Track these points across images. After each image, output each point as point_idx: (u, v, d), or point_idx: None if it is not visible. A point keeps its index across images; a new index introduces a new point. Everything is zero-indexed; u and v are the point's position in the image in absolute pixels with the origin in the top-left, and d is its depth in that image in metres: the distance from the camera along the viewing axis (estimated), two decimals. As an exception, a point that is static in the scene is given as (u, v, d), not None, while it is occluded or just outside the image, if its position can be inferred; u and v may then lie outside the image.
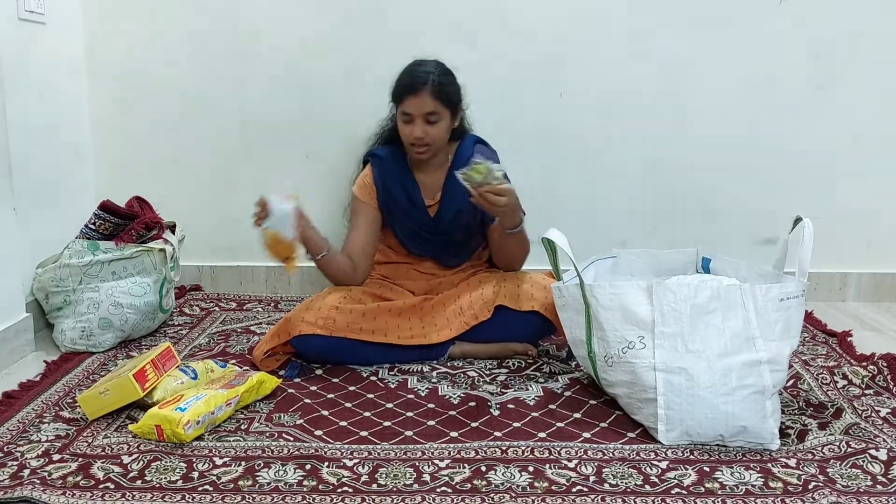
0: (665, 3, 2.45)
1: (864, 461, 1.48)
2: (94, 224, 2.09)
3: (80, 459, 1.46)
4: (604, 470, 1.45)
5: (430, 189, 2.11)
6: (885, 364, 1.89)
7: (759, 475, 1.43)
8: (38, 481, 1.37)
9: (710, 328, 1.55)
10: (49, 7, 2.24)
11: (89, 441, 1.54)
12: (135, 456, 1.47)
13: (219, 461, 1.46)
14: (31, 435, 1.56)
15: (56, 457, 1.47)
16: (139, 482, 1.39)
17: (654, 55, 2.49)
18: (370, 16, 2.45)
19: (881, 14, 2.47)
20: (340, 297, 1.99)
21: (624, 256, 2.03)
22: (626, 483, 1.40)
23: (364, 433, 1.59)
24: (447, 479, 1.41)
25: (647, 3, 2.45)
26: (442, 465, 1.46)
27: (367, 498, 1.35)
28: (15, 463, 1.44)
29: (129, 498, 1.34)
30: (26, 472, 1.41)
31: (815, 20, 2.46)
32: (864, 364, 1.93)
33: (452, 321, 2.00)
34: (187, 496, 1.34)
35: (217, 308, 2.47)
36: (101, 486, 1.37)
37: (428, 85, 1.96)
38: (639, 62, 2.49)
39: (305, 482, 1.39)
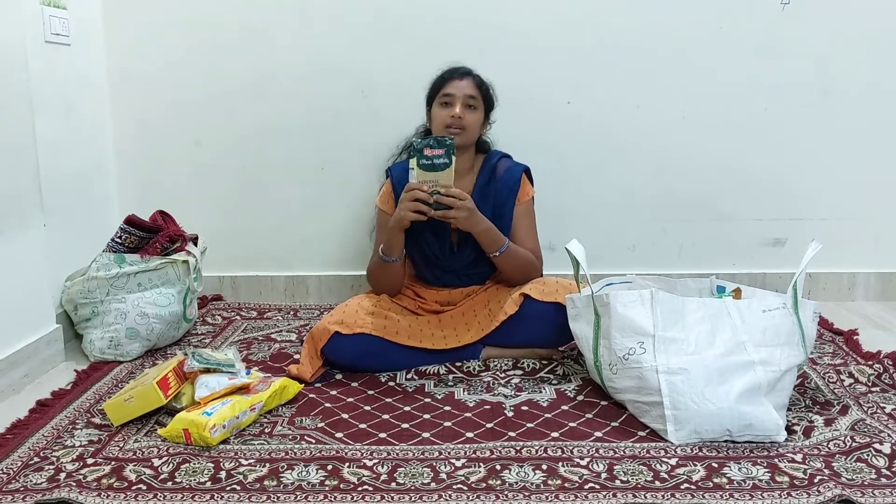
0: (669, 8, 2.50)
1: (868, 455, 1.53)
2: (120, 238, 2.16)
3: (113, 463, 1.53)
4: (615, 467, 1.49)
5: None
6: (891, 362, 1.92)
7: (766, 470, 1.47)
8: (75, 484, 1.44)
9: (703, 334, 1.65)
10: (73, 29, 2.32)
11: (121, 445, 1.60)
12: (165, 459, 1.54)
13: (245, 462, 1.52)
14: (66, 440, 1.63)
15: (90, 460, 1.54)
16: (170, 483, 1.45)
17: (659, 61, 2.53)
18: (382, 33, 2.52)
19: (884, 18, 2.50)
20: (373, 305, 2.05)
21: (639, 282, 2.04)
22: (636, 479, 1.45)
23: (383, 435, 1.65)
24: (463, 478, 1.46)
25: (651, 9, 2.50)
26: (458, 464, 1.51)
27: (386, 496, 1.40)
28: (51, 467, 1.51)
29: (161, 498, 1.40)
30: (62, 475, 1.48)
31: (819, 26, 2.50)
32: (871, 362, 1.97)
33: (483, 322, 2.06)
34: (216, 496, 1.41)
35: (238, 317, 2.53)
36: (133, 488, 1.43)
37: (471, 75, 2.12)
38: (645, 68, 2.53)
39: (327, 482, 1.45)
